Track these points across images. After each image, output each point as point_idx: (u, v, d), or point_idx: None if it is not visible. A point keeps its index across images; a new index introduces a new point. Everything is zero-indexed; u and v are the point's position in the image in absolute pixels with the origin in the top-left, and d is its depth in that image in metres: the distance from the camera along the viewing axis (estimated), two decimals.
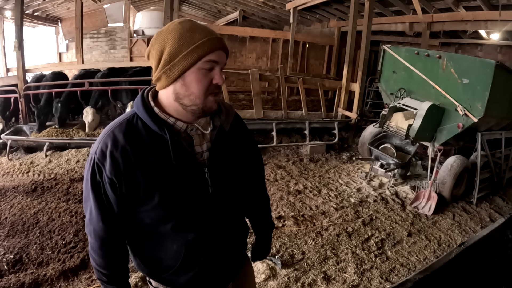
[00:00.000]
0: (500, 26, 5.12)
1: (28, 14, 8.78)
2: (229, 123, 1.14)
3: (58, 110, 5.09)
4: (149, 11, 12.93)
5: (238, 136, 1.21)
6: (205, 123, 1.10)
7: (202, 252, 1.11)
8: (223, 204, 1.13)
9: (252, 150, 1.31)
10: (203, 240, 1.11)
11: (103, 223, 1.01)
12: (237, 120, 1.22)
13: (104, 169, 0.97)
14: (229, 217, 1.19)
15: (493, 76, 3.36)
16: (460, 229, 3.48)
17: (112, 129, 1.00)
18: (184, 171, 1.03)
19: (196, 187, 1.06)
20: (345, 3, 7.43)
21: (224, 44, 1.01)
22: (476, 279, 2.28)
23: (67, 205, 3.52)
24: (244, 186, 1.27)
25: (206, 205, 1.09)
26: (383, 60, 4.72)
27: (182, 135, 1.05)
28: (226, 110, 1.15)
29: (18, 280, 2.39)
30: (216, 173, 1.09)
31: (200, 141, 1.09)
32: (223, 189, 1.12)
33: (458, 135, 3.84)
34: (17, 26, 5.45)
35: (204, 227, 1.10)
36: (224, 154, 1.13)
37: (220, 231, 1.15)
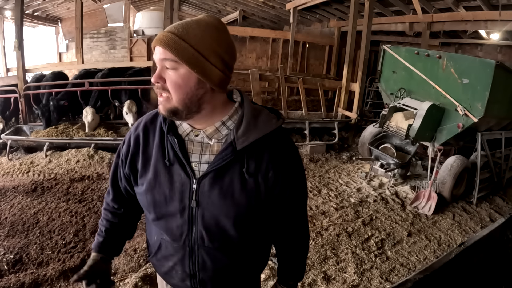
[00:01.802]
0: (500, 26, 5.12)
1: (28, 14, 8.78)
2: (248, 141, 0.94)
3: (52, 109, 5.10)
4: (149, 11, 12.93)
5: (259, 167, 0.97)
6: (212, 132, 0.98)
7: (173, 259, 1.07)
8: (206, 226, 1.00)
9: (280, 197, 1.02)
10: (175, 249, 1.05)
11: (111, 188, 1.18)
12: (277, 151, 0.98)
13: (123, 146, 1.09)
14: (214, 245, 1.02)
15: (493, 76, 3.36)
16: (460, 229, 3.48)
17: (144, 116, 1.10)
18: (174, 174, 0.99)
19: (179, 195, 0.99)
20: (345, 3, 7.43)
21: (159, 38, 0.90)
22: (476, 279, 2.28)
23: (67, 205, 3.52)
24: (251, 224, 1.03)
25: (184, 217, 1.00)
26: (383, 60, 4.72)
27: (184, 138, 1.01)
28: (252, 126, 0.96)
29: (18, 280, 2.39)
30: (206, 191, 0.97)
31: (201, 150, 0.99)
32: (209, 211, 0.98)
33: (458, 135, 3.84)
34: (17, 26, 5.45)
35: (178, 238, 1.03)
36: (224, 174, 0.96)
37: (196, 252, 1.03)
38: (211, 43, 0.90)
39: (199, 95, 0.92)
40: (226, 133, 0.98)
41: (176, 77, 0.89)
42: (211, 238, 1.01)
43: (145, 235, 3.03)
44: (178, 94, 0.90)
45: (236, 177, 0.96)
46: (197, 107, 0.93)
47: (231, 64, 0.96)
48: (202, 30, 0.89)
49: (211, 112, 0.98)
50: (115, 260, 2.71)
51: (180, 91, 0.90)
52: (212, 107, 0.97)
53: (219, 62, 0.91)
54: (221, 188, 0.96)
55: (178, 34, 0.88)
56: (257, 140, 0.96)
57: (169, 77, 0.90)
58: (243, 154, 0.96)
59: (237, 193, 0.96)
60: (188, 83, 0.90)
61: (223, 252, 1.04)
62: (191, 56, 0.87)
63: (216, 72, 0.91)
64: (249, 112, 0.98)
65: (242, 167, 0.96)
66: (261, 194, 0.98)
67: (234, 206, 0.97)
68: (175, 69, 0.89)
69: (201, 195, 0.97)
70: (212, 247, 1.02)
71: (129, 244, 2.94)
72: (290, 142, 1.05)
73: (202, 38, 0.89)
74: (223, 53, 0.92)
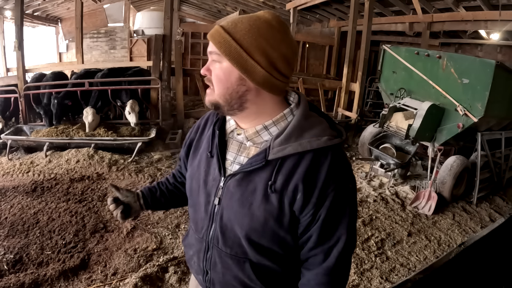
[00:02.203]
0: (500, 26, 5.12)
1: (28, 14, 8.77)
2: (283, 153, 0.86)
3: (55, 106, 5.10)
4: (149, 11, 12.93)
5: (287, 186, 0.87)
6: (252, 134, 0.93)
7: (193, 249, 1.10)
8: (222, 228, 0.97)
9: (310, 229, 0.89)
10: (196, 240, 1.07)
11: (178, 164, 1.29)
12: (314, 173, 0.86)
13: (194, 126, 1.14)
14: (226, 250, 0.98)
15: (493, 76, 3.36)
16: (460, 229, 3.48)
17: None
18: (211, 167, 1.00)
19: (209, 189, 1.00)
20: (345, 3, 7.43)
21: (210, 31, 0.91)
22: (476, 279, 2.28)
23: (67, 205, 3.52)
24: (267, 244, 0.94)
25: (207, 212, 1.00)
26: (383, 60, 4.72)
27: (228, 134, 1.00)
28: (294, 138, 0.87)
29: (18, 280, 2.39)
30: (229, 192, 0.94)
31: (238, 150, 0.97)
32: (228, 213, 0.95)
33: (458, 135, 3.84)
34: (17, 26, 5.45)
35: (199, 230, 1.04)
36: (249, 181, 0.91)
37: (211, 250, 1.01)
38: (258, 40, 0.84)
39: (240, 91, 0.88)
40: (267, 139, 0.92)
41: (219, 71, 0.88)
42: (224, 241, 0.97)
43: (145, 235, 3.04)
44: (219, 88, 0.89)
45: (260, 188, 0.89)
46: (239, 104, 0.90)
47: (281, 66, 0.87)
48: (251, 25, 0.85)
49: (256, 113, 0.92)
50: (115, 260, 2.71)
51: (221, 85, 0.89)
52: (257, 108, 0.91)
53: (264, 60, 0.85)
54: (242, 194, 0.91)
55: (225, 28, 0.86)
56: (295, 155, 0.86)
57: (214, 70, 0.90)
58: (273, 166, 0.88)
59: (255, 205, 0.90)
60: (230, 78, 0.87)
61: (233, 261, 0.97)
62: (233, 50, 0.84)
63: (258, 70, 0.85)
64: (298, 121, 0.89)
65: (269, 180, 0.88)
66: (284, 216, 0.88)
67: (249, 217, 0.91)
68: (219, 63, 0.88)
69: (225, 195, 0.95)
70: (224, 251, 0.98)
71: (129, 244, 2.94)
72: (341, 169, 0.88)
73: (249, 34, 0.84)
74: (271, 51, 0.85)
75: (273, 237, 0.92)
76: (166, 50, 5.79)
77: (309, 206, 0.87)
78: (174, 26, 6.52)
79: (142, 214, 3.46)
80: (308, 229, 0.89)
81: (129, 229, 3.13)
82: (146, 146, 5.10)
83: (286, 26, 0.89)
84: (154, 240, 2.99)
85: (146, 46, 10.32)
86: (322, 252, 0.90)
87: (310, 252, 0.92)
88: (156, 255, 2.81)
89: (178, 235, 3.12)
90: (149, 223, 3.31)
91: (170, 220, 3.36)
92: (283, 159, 0.87)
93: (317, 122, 0.91)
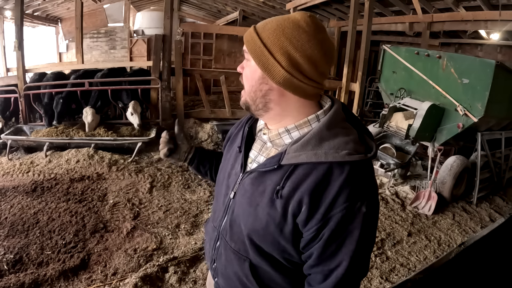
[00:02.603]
0: (500, 26, 5.12)
1: (28, 14, 8.78)
2: (296, 160, 0.84)
3: (59, 106, 5.11)
4: (149, 11, 12.94)
5: (292, 195, 0.83)
6: (274, 136, 0.93)
7: (208, 236, 1.16)
8: (231, 222, 0.99)
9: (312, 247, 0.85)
10: (211, 228, 1.12)
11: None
12: (323, 187, 0.80)
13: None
14: (231, 244, 1.00)
15: (493, 76, 3.36)
16: (460, 229, 3.48)
17: None
18: (236, 162, 1.04)
19: (230, 182, 1.04)
20: (345, 3, 7.42)
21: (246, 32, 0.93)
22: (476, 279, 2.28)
23: (67, 205, 3.52)
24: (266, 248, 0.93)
25: (224, 204, 1.04)
26: (383, 60, 4.72)
27: (256, 133, 1.04)
28: (311, 147, 0.83)
29: (18, 280, 2.39)
30: (243, 189, 0.96)
31: (260, 149, 0.98)
32: (237, 209, 0.97)
33: (458, 135, 3.84)
34: (17, 26, 5.45)
35: (215, 220, 1.09)
36: (261, 181, 0.90)
37: (219, 241, 1.05)
38: (281, 39, 0.83)
39: (263, 90, 0.89)
40: (288, 142, 0.90)
41: (247, 69, 0.92)
42: (231, 235, 0.99)
43: (145, 235, 3.04)
44: (246, 86, 0.93)
45: (268, 191, 0.87)
46: (263, 104, 0.90)
47: (305, 67, 0.83)
48: (278, 25, 0.84)
49: (281, 115, 0.91)
50: (115, 260, 2.71)
51: (247, 83, 0.92)
52: (281, 109, 0.90)
53: (285, 60, 0.83)
54: (252, 194, 0.91)
55: (256, 27, 0.90)
56: (309, 164, 0.82)
57: (245, 68, 0.94)
58: (285, 171, 0.85)
59: (261, 207, 0.88)
60: (254, 76, 0.89)
61: (235, 257, 0.98)
62: (256, 48, 0.86)
63: (278, 69, 0.84)
64: (319, 129, 0.85)
65: (277, 184, 0.85)
66: (285, 225, 0.86)
67: (253, 217, 0.90)
68: (249, 61, 0.91)
69: (239, 190, 0.97)
70: (229, 245, 1.00)
71: (129, 244, 2.94)
72: (355, 187, 0.80)
73: (273, 33, 0.84)
74: (293, 51, 0.82)
75: (273, 243, 0.90)
76: (166, 50, 5.79)
77: (312, 222, 0.81)
78: (174, 26, 6.51)
79: (142, 214, 3.46)
80: (310, 246, 0.85)
81: (129, 229, 3.14)
82: (146, 146, 5.09)
83: (317, 28, 0.84)
84: (154, 240, 2.99)
85: (146, 46, 10.32)
86: (322, 272, 0.86)
87: (311, 269, 0.88)
88: (156, 255, 2.81)
89: (178, 235, 3.12)
90: (149, 223, 3.31)
91: (170, 220, 3.36)
92: (295, 166, 0.84)
93: (342, 133, 0.85)
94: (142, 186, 4.05)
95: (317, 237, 0.83)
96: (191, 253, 2.79)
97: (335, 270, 0.83)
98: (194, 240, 3.02)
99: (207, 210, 3.59)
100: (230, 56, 9.23)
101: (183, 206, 3.65)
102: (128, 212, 3.45)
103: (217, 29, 9.34)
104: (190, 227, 3.26)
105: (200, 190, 4.03)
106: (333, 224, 0.80)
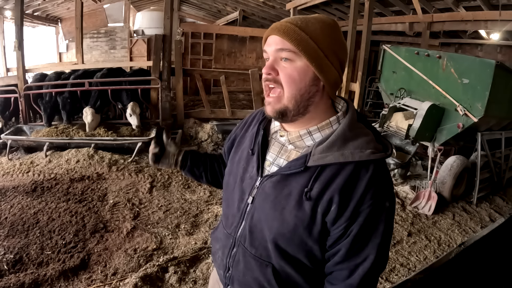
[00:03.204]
0: (500, 26, 5.12)
1: (28, 14, 8.78)
2: (323, 161, 0.84)
3: (67, 105, 5.12)
4: (149, 11, 12.94)
5: (322, 195, 0.84)
6: (295, 138, 0.92)
7: (219, 243, 1.10)
8: (251, 227, 0.96)
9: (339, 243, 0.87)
10: (224, 235, 1.06)
11: (224, 144, 1.25)
12: (352, 186, 0.82)
13: (241, 122, 1.16)
14: (251, 250, 0.97)
15: (493, 76, 3.36)
16: (460, 229, 3.48)
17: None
18: (250, 165, 1.00)
19: (244, 186, 0.99)
20: (345, 3, 7.43)
21: (277, 27, 0.85)
22: (476, 279, 2.28)
23: (67, 205, 3.52)
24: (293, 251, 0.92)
25: (240, 209, 0.99)
26: (383, 60, 4.72)
27: (272, 135, 1.00)
28: (337, 148, 0.84)
29: (18, 280, 2.39)
30: (263, 193, 0.93)
31: (278, 152, 0.96)
32: (259, 214, 0.94)
33: (458, 135, 3.84)
34: (17, 26, 5.45)
35: (229, 226, 1.04)
36: (285, 185, 0.89)
37: (236, 248, 1.01)
38: (329, 40, 0.85)
39: (311, 93, 0.86)
40: (310, 144, 0.90)
41: (292, 70, 0.84)
42: (251, 241, 0.96)
43: (145, 235, 3.04)
44: (291, 89, 0.85)
45: (295, 193, 0.87)
46: (305, 108, 0.88)
47: (344, 67, 0.90)
48: (321, 25, 0.85)
49: (312, 117, 0.91)
50: (115, 260, 2.71)
51: (294, 86, 0.85)
52: (315, 112, 0.90)
53: (335, 61, 0.86)
54: (276, 197, 0.90)
55: (298, 25, 0.84)
56: (335, 165, 0.84)
57: (284, 69, 0.85)
58: (312, 173, 0.85)
59: (288, 210, 0.87)
60: (304, 77, 0.84)
61: (256, 263, 0.95)
62: (311, 48, 0.82)
63: (333, 70, 0.86)
64: (343, 130, 0.86)
65: (305, 186, 0.85)
66: (314, 225, 0.86)
67: (279, 221, 0.89)
68: (292, 61, 0.84)
69: (259, 195, 0.94)
70: (249, 251, 0.96)
71: (129, 244, 2.94)
72: (381, 185, 0.84)
73: (322, 34, 0.84)
74: (340, 53, 0.87)
75: (300, 245, 0.89)
76: (166, 50, 5.79)
77: (341, 219, 0.84)
78: (174, 26, 6.51)
79: (142, 214, 3.46)
80: (337, 243, 0.87)
81: (129, 229, 3.14)
82: (146, 146, 5.09)
83: (340, 28, 0.90)
84: (154, 240, 2.99)
85: (146, 46, 10.33)
86: (348, 268, 0.87)
87: (336, 266, 0.89)
88: (156, 255, 2.81)
89: (178, 235, 3.12)
90: (149, 223, 3.31)
91: (170, 220, 3.36)
92: (322, 167, 0.85)
93: (363, 133, 0.88)
94: (142, 186, 4.06)
95: (345, 233, 0.84)
96: (191, 253, 2.79)
97: (361, 264, 0.85)
98: (194, 240, 3.02)
99: (207, 210, 3.59)
100: (230, 56, 9.24)
101: (183, 206, 3.65)
102: (128, 212, 3.45)
103: (217, 29, 9.35)
104: (190, 227, 3.26)
105: (200, 190, 4.03)
106: (361, 220, 0.82)
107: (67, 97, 5.14)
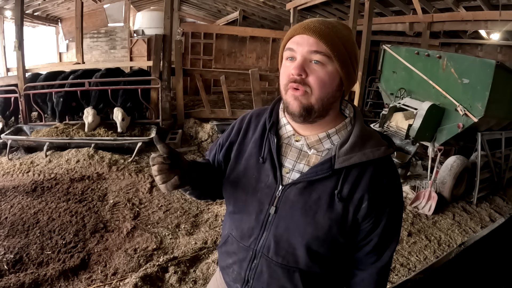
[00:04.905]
0: (500, 26, 5.12)
1: (28, 14, 8.78)
2: (349, 162, 0.86)
3: (59, 105, 5.12)
4: (149, 11, 12.95)
5: (353, 195, 0.89)
6: (314, 142, 0.92)
7: (233, 257, 1.03)
8: (276, 237, 0.94)
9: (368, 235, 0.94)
10: (240, 248, 1.01)
11: (209, 152, 1.14)
12: (377, 183, 0.89)
13: (225, 133, 1.10)
14: (277, 259, 0.95)
15: (493, 76, 3.36)
16: (460, 229, 3.48)
17: (254, 109, 1.10)
18: (262, 173, 0.96)
19: (260, 196, 0.95)
20: (345, 3, 7.43)
21: (311, 28, 0.83)
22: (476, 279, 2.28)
23: (67, 205, 3.52)
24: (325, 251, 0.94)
25: (259, 220, 0.96)
26: (383, 60, 4.72)
27: (284, 140, 0.96)
28: (358, 148, 0.87)
29: (18, 280, 2.39)
30: (289, 201, 0.91)
31: (297, 157, 0.93)
32: (286, 222, 0.92)
33: (458, 135, 3.84)
34: (17, 26, 5.45)
35: (246, 239, 0.99)
36: (313, 190, 0.89)
37: (258, 259, 0.97)
38: (354, 47, 0.88)
39: (335, 97, 0.88)
40: (329, 147, 0.91)
41: (323, 74, 0.84)
42: (277, 251, 0.94)
43: (145, 235, 3.04)
44: (320, 92, 0.85)
45: (325, 196, 0.89)
46: (327, 111, 0.89)
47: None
48: (347, 32, 0.88)
49: (328, 120, 0.92)
50: (115, 260, 2.71)
51: (324, 89, 0.85)
52: (333, 114, 0.92)
53: (357, 67, 0.90)
54: (306, 203, 0.90)
55: (330, 29, 0.83)
56: (359, 164, 0.87)
57: (315, 72, 0.84)
58: (339, 175, 0.88)
59: (320, 214, 0.89)
60: (333, 82, 0.85)
61: (284, 271, 0.95)
62: (343, 54, 0.84)
63: (354, 76, 0.89)
64: (359, 131, 0.90)
65: (335, 189, 0.88)
66: (346, 223, 0.90)
67: (312, 226, 0.89)
68: (324, 65, 0.84)
69: (283, 203, 0.92)
70: (275, 261, 0.95)
71: (129, 244, 2.94)
72: (396, 177, 0.94)
73: (348, 40, 0.86)
74: (357, 59, 0.91)
75: (332, 243, 0.92)
76: (166, 50, 5.79)
77: (372, 214, 0.90)
78: (174, 26, 6.51)
79: (142, 214, 3.46)
80: (369, 234, 0.93)
81: (129, 229, 3.14)
82: (146, 146, 5.10)
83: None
84: (154, 240, 2.99)
85: (146, 46, 10.33)
86: (377, 254, 0.96)
87: (367, 254, 0.97)
88: (156, 255, 2.81)
89: (178, 235, 3.12)
90: (149, 223, 3.31)
91: (170, 220, 3.36)
92: (347, 168, 0.88)
93: (372, 132, 0.94)
94: (142, 186, 4.06)
95: (377, 225, 0.92)
96: (191, 253, 2.79)
97: (389, 247, 0.97)
98: (194, 240, 3.02)
99: (207, 210, 3.59)
100: (230, 56, 9.23)
101: (183, 206, 3.65)
102: (128, 212, 3.45)
103: (217, 29, 9.34)
104: (190, 227, 3.26)
105: None
106: (389, 210, 0.92)
107: (60, 96, 5.14)
